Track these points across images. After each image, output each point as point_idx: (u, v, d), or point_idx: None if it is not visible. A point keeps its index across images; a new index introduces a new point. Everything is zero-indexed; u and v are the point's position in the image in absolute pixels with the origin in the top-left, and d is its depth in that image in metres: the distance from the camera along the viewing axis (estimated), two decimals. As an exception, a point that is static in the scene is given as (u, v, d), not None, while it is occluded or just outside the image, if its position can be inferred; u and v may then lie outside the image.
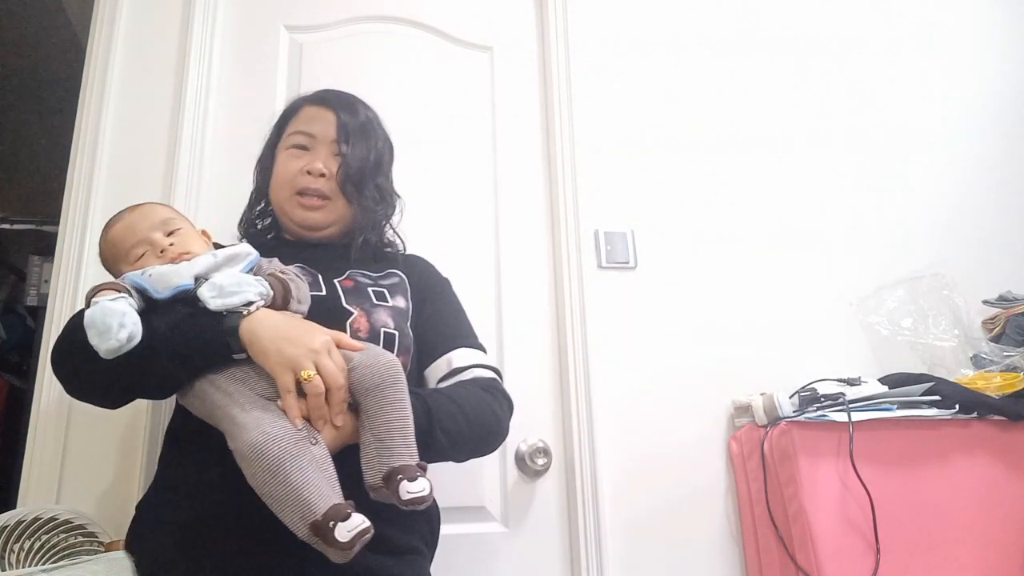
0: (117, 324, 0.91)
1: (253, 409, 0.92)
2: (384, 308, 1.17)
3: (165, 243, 1.08)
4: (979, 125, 2.28)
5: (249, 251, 1.09)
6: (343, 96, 1.33)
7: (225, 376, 0.97)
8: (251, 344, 0.96)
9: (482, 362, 1.23)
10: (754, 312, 1.92)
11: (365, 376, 0.97)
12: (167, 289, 0.99)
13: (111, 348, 0.91)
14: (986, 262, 2.10)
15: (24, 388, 2.74)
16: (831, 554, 1.51)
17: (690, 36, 2.15)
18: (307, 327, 1.00)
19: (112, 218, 1.16)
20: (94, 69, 1.76)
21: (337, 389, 0.95)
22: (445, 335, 1.24)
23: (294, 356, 0.94)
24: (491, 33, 2.06)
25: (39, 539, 1.32)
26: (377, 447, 0.94)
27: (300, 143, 1.27)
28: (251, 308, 0.98)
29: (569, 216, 1.89)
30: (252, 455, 0.87)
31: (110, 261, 1.14)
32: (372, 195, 1.27)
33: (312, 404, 0.94)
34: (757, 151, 2.08)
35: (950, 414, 1.67)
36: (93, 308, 0.92)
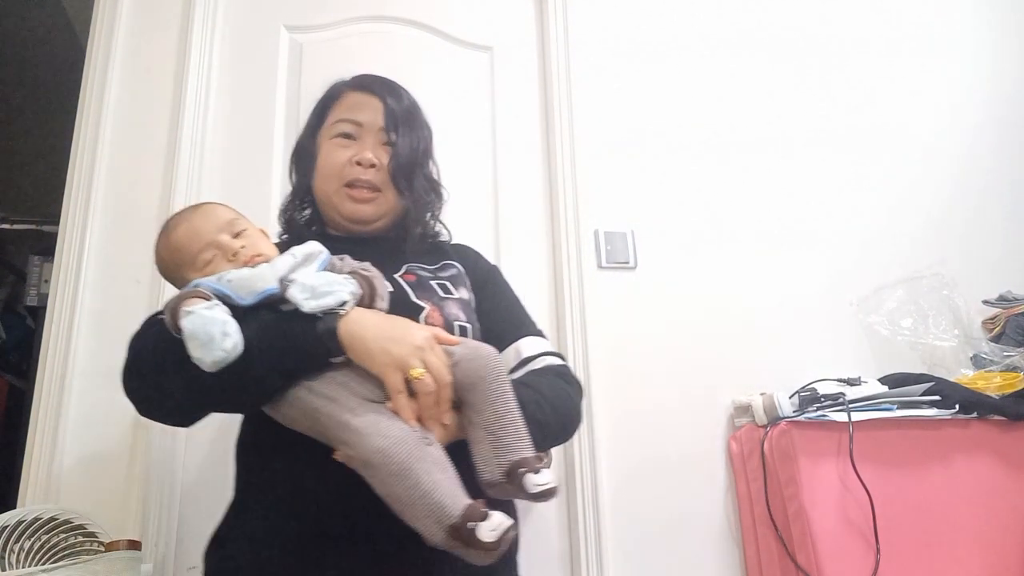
0: (220, 333, 0.86)
1: (367, 413, 0.88)
2: (452, 300, 1.13)
3: (235, 245, 1.02)
4: (979, 125, 2.28)
5: (321, 249, 1.02)
6: (386, 81, 1.27)
7: (323, 381, 0.92)
8: (352, 345, 0.91)
9: (549, 349, 1.19)
10: (754, 312, 1.92)
11: (469, 370, 0.93)
12: (251, 295, 0.93)
13: (217, 360, 0.86)
14: (986, 262, 2.10)
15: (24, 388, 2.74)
16: (831, 554, 1.51)
17: (690, 36, 2.15)
18: (405, 324, 0.96)
19: (170, 222, 1.09)
20: (94, 69, 1.76)
21: (445, 386, 0.91)
22: (509, 324, 1.20)
23: (401, 355, 0.90)
24: (491, 33, 2.06)
25: (39, 539, 1.32)
26: (492, 442, 0.90)
27: (346, 131, 1.20)
28: (346, 308, 0.93)
29: (569, 216, 1.89)
30: (380, 460, 0.83)
31: (173, 268, 1.06)
32: (423, 185, 1.22)
33: (424, 403, 0.90)
34: (757, 151, 2.08)
35: (950, 414, 1.67)
36: (191, 318, 0.86)
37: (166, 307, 0.93)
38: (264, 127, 1.82)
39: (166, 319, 0.91)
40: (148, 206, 1.68)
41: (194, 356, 0.86)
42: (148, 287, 1.62)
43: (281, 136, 1.83)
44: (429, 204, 1.25)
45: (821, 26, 2.26)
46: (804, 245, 2.02)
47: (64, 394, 1.52)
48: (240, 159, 1.79)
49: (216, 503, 1.54)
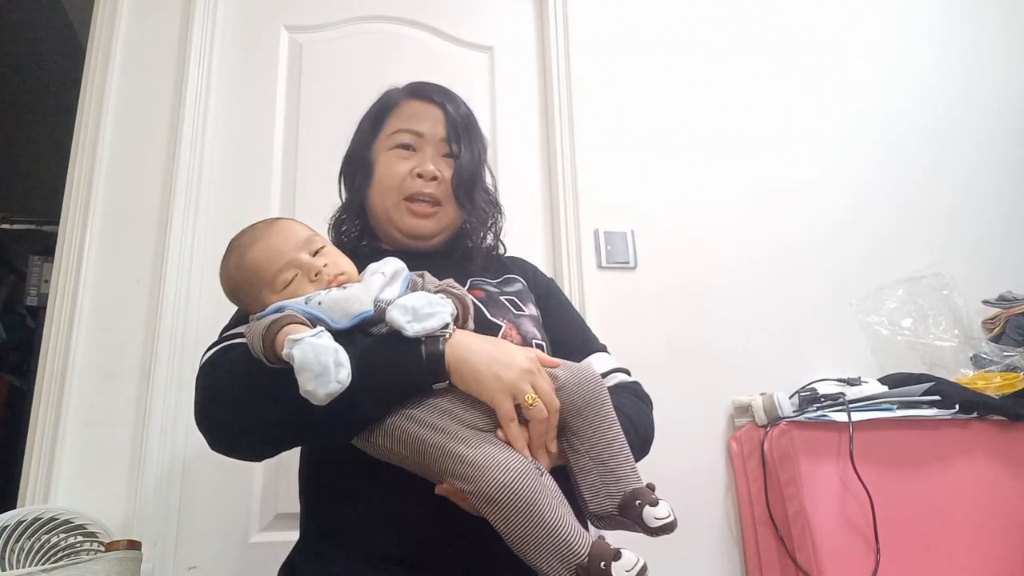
0: (334, 364, 0.79)
1: (481, 444, 0.81)
2: (525, 317, 1.08)
3: (318, 264, 0.95)
4: (979, 126, 2.28)
5: (403, 266, 0.97)
6: (443, 88, 1.21)
7: (426, 409, 0.85)
8: (459, 370, 0.85)
9: (619, 366, 1.14)
10: (754, 312, 1.92)
11: (575, 395, 0.88)
12: (346, 318, 0.87)
13: (331, 392, 0.78)
14: (986, 262, 2.10)
15: (24, 388, 2.75)
16: (831, 554, 1.51)
17: (690, 37, 2.15)
18: (509, 346, 0.90)
19: (242, 239, 1.00)
20: (94, 69, 1.76)
21: (555, 413, 0.86)
22: (576, 340, 1.15)
23: (512, 380, 0.84)
24: (491, 33, 2.06)
25: (39, 539, 1.32)
26: (601, 472, 0.86)
27: (405, 142, 1.14)
28: (449, 331, 0.87)
29: (569, 216, 1.89)
30: (503, 496, 0.76)
31: (247, 289, 0.97)
32: (483, 199, 1.18)
33: (536, 431, 0.85)
34: (757, 151, 2.08)
35: (950, 414, 1.67)
36: (301, 347, 0.78)
37: (253, 333, 0.86)
38: (264, 127, 1.82)
39: (254, 346, 0.85)
40: (148, 206, 1.68)
41: (306, 389, 0.78)
42: (148, 287, 1.63)
43: (281, 136, 1.83)
44: (490, 218, 1.22)
45: (821, 27, 2.26)
46: (804, 245, 2.02)
47: (64, 394, 1.52)
48: (240, 159, 1.79)
49: (216, 503, 1.55)
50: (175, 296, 1.62)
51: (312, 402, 0.78)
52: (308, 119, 1.84)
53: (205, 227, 1.69)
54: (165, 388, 1.55)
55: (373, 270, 0.94)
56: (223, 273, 1.00)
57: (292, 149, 1.82)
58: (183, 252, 1.65)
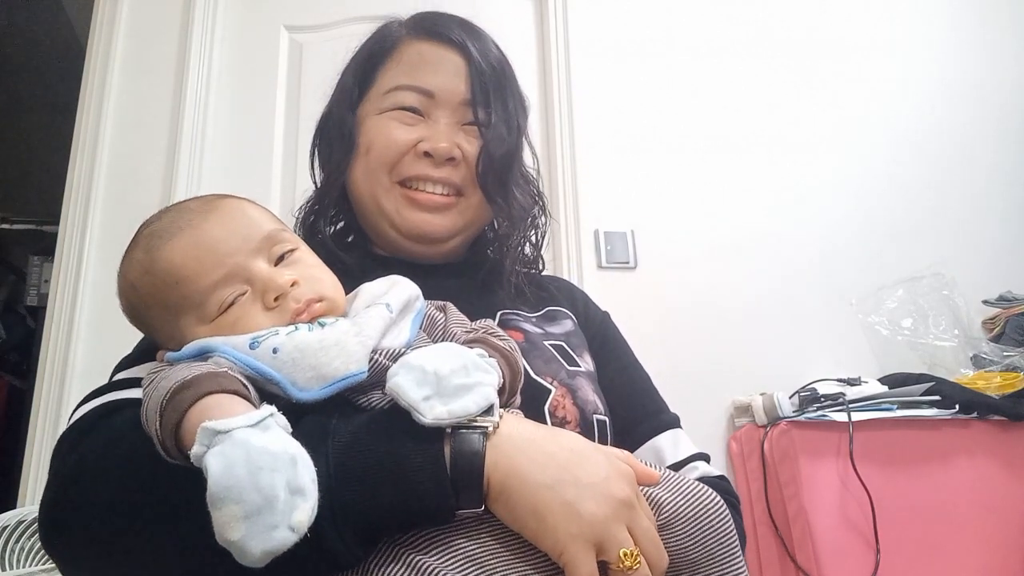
0: (286, 489, 0.43)
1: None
2: (582, 377, 0.74)
3: (281, 282, 0.58)
4: (978, 126, 2.28)
5: (418, 293, 0.64)
6: (464, 22, 0.86)
7: (445, 555, 0.50)
8: (506, 492, 0.51)
9: (696, 451, 0.79)
10: (754, 312, 1.92)
11: (688, 536, 0.55)
12: (320, 382, 0.52)
13: (273, 549, 0.43)
14: (986, 262, 2.10)
15: (24, 388, 2.75)
16: (831, 554, 1.51)
17: (690, 37, 2.15)
18: (587, 449, 0.55)
19: (157, 226, 0.63)
20: (94, 69, 1.76)
21: (661, 573, 0.53)
22: (643, 410, 0.81)
23: (599, 520, 0.50)
24: (491, 33, 2.06)
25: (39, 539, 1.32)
26: None
27: (408, 104, 0.78)
28: (496, 419, 0.52)
29: (569, 216, 1.89)
30: None
31: (156, 307, 0.61)
32: (522, 187, 0.82)
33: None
34: (757, 151, 2.07)
35: (950, 414, 1.67)
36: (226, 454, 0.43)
37: (150, 399, 0.50)
38: (264, 127, 1.82)
39: (151, 423, 0.49)
40: (148, 206, 1.65)
41: (227, 539, 0.43)
42: (148, 287, 1.63)
43: (281, 136, 1.83)
44: (529, 219, 0.84)
45: (821, 26, 2.26)
46: (804, 245, 2.02)
47: (64, 394, 1.52)
48: (240, 159, 1.79)
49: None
50: (175, 296, 1.62)
51: (239, 560, 0.43)
52: (308, 119, 1.84)
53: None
54: (165, 388, 1.55)
55: (370, 298, 0.60)
56: (121, 275, 0.64)
57: (292, 149, 1.82)
58: (183, 252, 1.65)
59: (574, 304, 0.88)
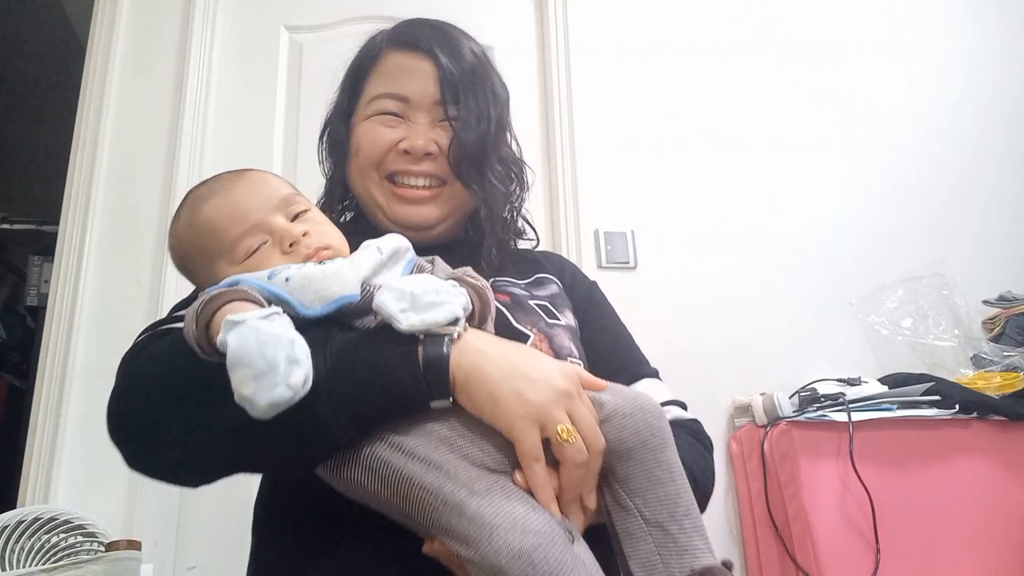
0: (286, 359, 0.56)
1: (489, 491, 0.59)
2: (560, 328, 0.86)
3: (295, 232, 0.72)
4: (978, 126, 2.28)
5: (408, 245, 0.75)
6: (437, 29, 0.96)
7: (419, 436, 0.62)
8: (469, 384, 0.62)
9: (673, 397, 0.93)
10: (754, 312, 1.92)
11: (628, 430, 0.65)
12: (321, 302, 0.64)
13: (276, 400, 0.56)
14: (986, 262, 2.10)
15: (24, 388, 2.74)
16: (831, 554, 1.51)
17: (690, 37, 2.15)
18: (537, 356, 0.68)
19: (200, 191, 0.78)
20: (94, 69, 1.76)
21: (597, 455, 0.63)
22: (622, 362, 0.93)
23: (542, 403, 0.61)
24: (491, 33, 2.05)
25: (39, 539, 1.32)
26: (658, 539, 0.63)
27: (389, 110, 0.89)
28: (459, 328, 0.64)
29: (569, 216, 1.89)
30: (517, 569, 0.55)
31: (197, 256, 0.75)
32: (498, 172, 0.91)
33: (570, 478, 0.62)
34: (757, 151, 2.07)
35: (950, 414, 1.67)
36: (240, 332, 0.57)
37: (188, 314, 0.63)
38: (264, 127, 1.82)
39: (188, 330, 0.62)
40: (148, 206, 1.68)
41: (240, 394, 0.56)
42: (148, 287, 1.63)
43: (281, 136, 1.83)
44: (508, 196, 0.94)
45: (820, 26, 2.26)
46: (804, 245, 2.02)
47: (64, 394, 1.52)
48: (240, 159, 1.78)
49: (216, 503, 1.55)
50: (175, 296, 1.61)
51: (251, 413, 0.56)
52: (308, 119, 1.84)
53: (205, 227, 1.69)
54: (165, 388, 1.55)
55: (367, 245, 0.72)
56: (171, 232, 0.79)
57: (292, 149, 1.82)
58: (183, 252, 1.65)
59: (562, 274, 1.00)
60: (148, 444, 0.67)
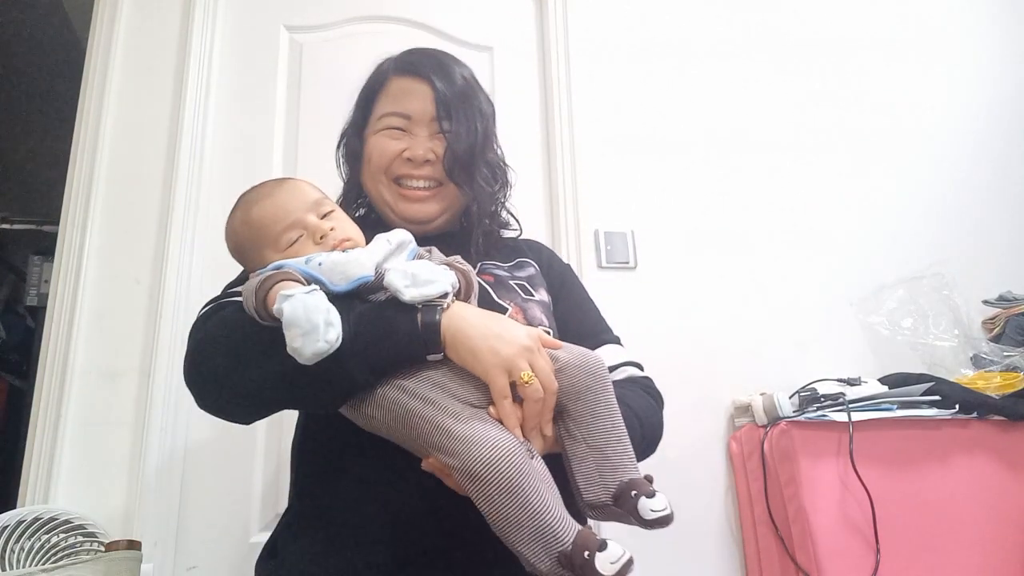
0: (324, 322, 0.77)
1: (470, 419, 0.79)
2: (534, 303, 1.06)
3: (325, 227, 0.93)
4: (978, 126, 2.28)
5: (411, 238, 0.94)
6: (435, 58, 1.14)
7: (418, 380, 0.83)
8: (455, 342, 0.82)
9: (630, 359, 1.12)
10: (754, 312, 1.92)
11: (576, 378, 0.85)
12: (345, 280, 0.84)
13: (318, 351, 0.76)
14: (986, 262, 2.10)
15: (24, 388, 2.75)
16: (831, 554, 1.51)
17: (690, 37, 2.15)
18: (509, 322, 0.88)
19: (250, 196, 0.98)
20: (94, 69, 1.76)
21: (552, 394, 0.83)
22: (588, 330, 1.12)
23: (509, 355, 0.81)
24: (491, 33, 2.06)
25: (39, 539, 1.32)
26: (598, 460, 0.83)
27: (395, 126, 1.09)
28: (448, 300, 0.85)
29: (569, 216, 1.89)
30: (488, 473, 0.74)
31: (250, 247, 0.95)
32: (484, 175, 1.11)
33: (529, 411, 0.82)
34: (757, 151, 2.08)
35: (950, 414, 1.67)
36: (291, 303, 0.77)
37: (248, 288, 0.83)
38: (264, 127, 1.82)
39: (247, 302, 0.83)
40: (148, 206, 1.68)
41: (292, 346, 0.76)
42: (148, 287, 1.63)
43: (281, 136, 1.83)
44: (493, 195, 1.14)
45: (820, 26, 2.26)
46: (804, 245, 2.02)
47: (64, 394, 1.52)
48: (240, 159, 1.79)
49: (216, 503, 1.55)
50: (175, 296, 1.62)
51: (299, 361, 0.77)
52: (308, 119, 1.84)
53: (205, 227, 1.69)
54: (165, 388, 1.55)
55: (379, 238, 0.92)
56: (228, 227, 0.98)
57: (292, 149, 1.82)
58: (183, 252, 1.65)
59: (539, 257, 1.20)
60: (218, 386, 0.88)
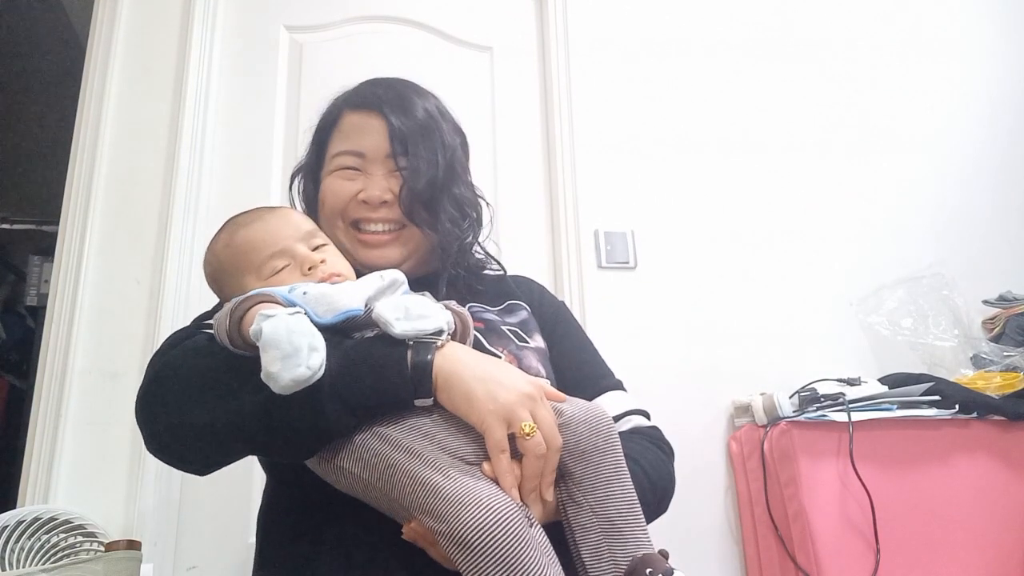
0: (307, 346, 0.68)
1: (459, 475, 0.69)
2: (529, 350, 0.97)
3: (314, 259, 0.86)
4: (978, 126, 2.28)
5: (403, 278, 0.86)
6: (391, 88, 1.04)
7: (403, 429, 0.73)
8: (448, 385, 0.73)
9: (635, 407, 1.02)
10: (754, 312, 1.92)
11: (581, 435, 0.76)
12: (331, 313, 0.76)
13: (298, 378, 0.67)
14: (986, 262, 2.10)
15: (24, 388, 2.74)
16: (831, 554, 1.51)
17: (690, 36, 2.15)
18: (509, 367, 0.80)
19: (239, 219, 0.91)
20: (94, 69, 1.76)
21: (556, 451, 0.73)
22: (587, 377, 1.02)
23: (509, 403, 0.72)
24: (491, 33, 2.06)
25: (39, 539, 1.32)
26: (606, 531, 0.74)
27: (348, 165, 0.99)
28: (443, 339, 0.76)
29: (569, 216, 1.89)
30: (480, 540, 0.64)
31: (231, 272, 0.87)
32: (450, 214, 0.99)
33: (529, 469, 0.72)
34: (757, 151, 2.07)
35: (950, 414, 1.67)
36: (273, 323, 0.69)
37: (221, 312, 0.76)
38: (264, 127, 1.82)
39: (219, 327, 0.75)
40: (148, 206, 1.68)
41: (268, 371, 0.67)
42: (148, 287, 1.63)
43: (281, 136, 1.83)
44: (461, 234, 1.01)
45: (821, 26, 2.26)
46: (804, 245, 2.02)
47: (64, 394, 1.52)
48: (240, 159, 1.79)
49: (216, 503, 1.55)
50: (175, 296, 1.62)
51: (273, 389, 0.67)
52: (308, 119, 1.84)
53: (205, 228, 1.69)
54: (165, 388, 1.54)
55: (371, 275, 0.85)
56: (209, 251, 0.91)
57: (292, 149, 1.82)
58: (183, 252, 1.65)
59: (531, 297, 1.09)
60: (173, 422, 0.76)
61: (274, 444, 0.76)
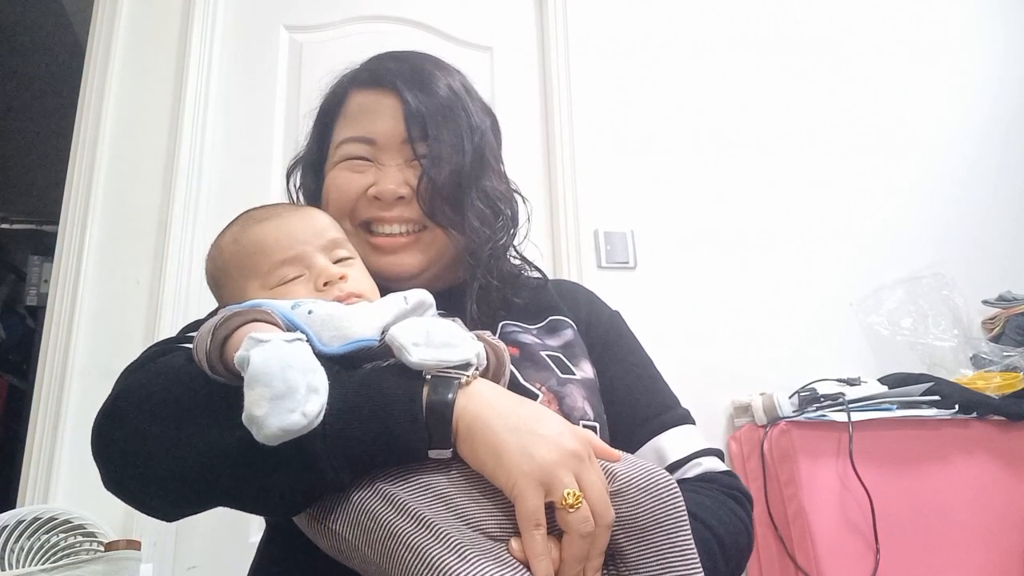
0: (305, 386, 0.53)
1: (478, 557, 0.52)
2: (574, 384, 0.78)
3: (333, 273, 0.71)
4: (978, 126, 2.28)
5: (431, 301, 0.71)
6: (405, 63, 0.86)
7: (413, 488, 0.57)
8: (471, 434, 0.57)
9: (705, 446, 0.83)
10: (754, 312, 1.92)
11: (639, 506, 0.59)
12: (339, 341, 0.61)
13: (289, 427, 0.51)
14: (986, 262, 2.10)
15: (24, 388, 2.75)
16: (831, 554, 1.51)
17: (690, 37, 2.15)
18: (549, 414, 0.62)
19: (254, 212, 0.77)
20: (94, 69, 1.76)
21: (605, 528, 0.56)
22: (645, 408, 0.83)
23: (549, 463, 0.56)
24: (491, 33, 2.06)
25: (39, 539, 1.32)
26: None
27: (357, 155, 0.82)
28: (469, 374, 0.60)
29: (569, 216, 1.89)
30: None
31: (232, 272, 0.73)
32: (479, 210, 0.82)
33: (572, 551, 0.55)
34: (757, 151, 2.08)
35: (950, 414, 1.67)
36: (264, 351, 0.53)
37: (203, 328, 0.60)
38: (264, 127, 1.83)
39: (199, 346, 0.60)
40: (148, 206, 1.68)
41: (252, 414, 0.52)
42: (148, 287, 1.63)
43: (281, 136, 1.83)
44: (493, 236, 0.83)
45: (821, 26, 2.26)
46: (804, 245, 2.02)
47: (64, 394, 1.52)
48: (240, 159, 1.79)
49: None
50: (175, 296, 1.62)
51: (255, 435, 0.52)
52: (308, 119, 1.84)
53: (205, 227, 1.69)
54: (165, 388, 1.55)
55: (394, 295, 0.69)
56: (214, 243, 0.77)
57: (292, 149, 1.81)
58: (183, 252, 1.65)
59: (577, 310, 0.90)
60: (131, 460, 0.62)
61: (251, 497, 0.61)
